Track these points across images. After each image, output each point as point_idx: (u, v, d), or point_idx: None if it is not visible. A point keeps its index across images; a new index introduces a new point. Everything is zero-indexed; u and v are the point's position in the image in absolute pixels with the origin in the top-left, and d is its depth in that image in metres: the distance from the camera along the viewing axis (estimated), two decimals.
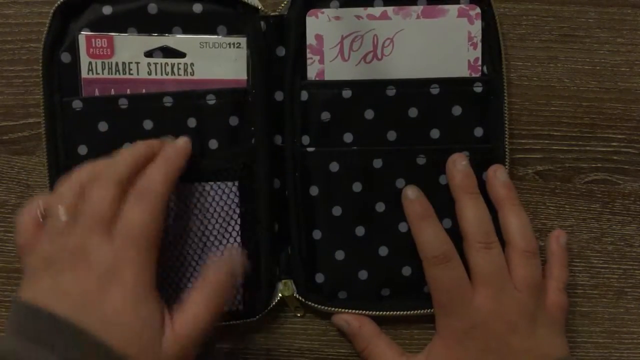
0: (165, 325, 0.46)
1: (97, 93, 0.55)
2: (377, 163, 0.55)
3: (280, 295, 0.57)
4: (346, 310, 0.57)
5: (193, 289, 0.48)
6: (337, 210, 0.56)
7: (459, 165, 0.54)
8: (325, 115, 0.55)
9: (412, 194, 0.54)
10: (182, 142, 0.52)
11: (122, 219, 0.46)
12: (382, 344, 0.56)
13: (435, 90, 0.55)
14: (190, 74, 0.55)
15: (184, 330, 0.46)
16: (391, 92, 0.55)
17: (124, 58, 0.55)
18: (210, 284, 0.48)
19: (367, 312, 0.57)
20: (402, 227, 0.56)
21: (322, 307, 0.57)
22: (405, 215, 0.55)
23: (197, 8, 0.55)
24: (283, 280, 0.57)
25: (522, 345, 0.52)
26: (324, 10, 0.55)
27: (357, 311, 0.56)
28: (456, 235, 0.54)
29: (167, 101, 0.55)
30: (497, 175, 0.55)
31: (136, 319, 0.45)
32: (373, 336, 0.56)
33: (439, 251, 0.53)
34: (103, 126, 0.55)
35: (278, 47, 0.56)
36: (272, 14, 0.56)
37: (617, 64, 0.58)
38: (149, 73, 0.55)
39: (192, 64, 0.55)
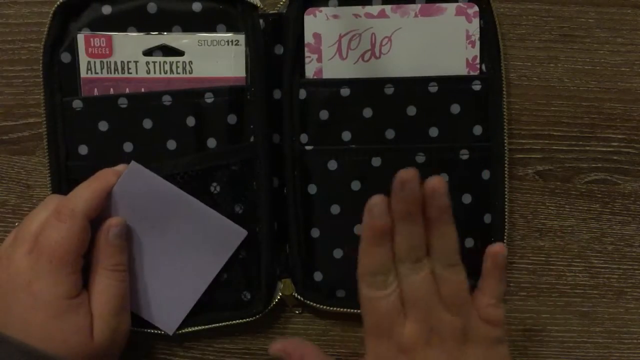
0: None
1: (96, 92, 0.55)
2: (376, 161, 0.55)
3: (280, 294, 0.57)
4: (344, 309, 0.56)
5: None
6: (335, 209, 0.56)
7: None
8: (324, 114, 0.55)
9: (377, 211, 0.47)
10: (119, 166, 0.54)
11: (40, 235, 0.50)
12: None
13: (433, 88, 0.55)
14: (189, 72, 0.55)
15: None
16: (389, 90, 0.55)
17: (122, 57, 0.55)
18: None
19: None
20: None
21: (321, 305, 0.57)
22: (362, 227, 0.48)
23: (197, 7, 0.55)
24: (282, 280, 0.57)
25: None
26: (322, 8, 0.55)
27: (355, 310, 0.56)
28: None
29: (166, 100, 0.55)
30: (435, 195, 0.46)
31: (57, 330, 0.49)
32: None
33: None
34: (103, 125, 0.55)
35: (276, 45, 0.56)
36: (271, 12, 0.56)
37: (617, 64, 0.58)
38: (148, 72, 0.55)
39: (190, 62, 0.55)
